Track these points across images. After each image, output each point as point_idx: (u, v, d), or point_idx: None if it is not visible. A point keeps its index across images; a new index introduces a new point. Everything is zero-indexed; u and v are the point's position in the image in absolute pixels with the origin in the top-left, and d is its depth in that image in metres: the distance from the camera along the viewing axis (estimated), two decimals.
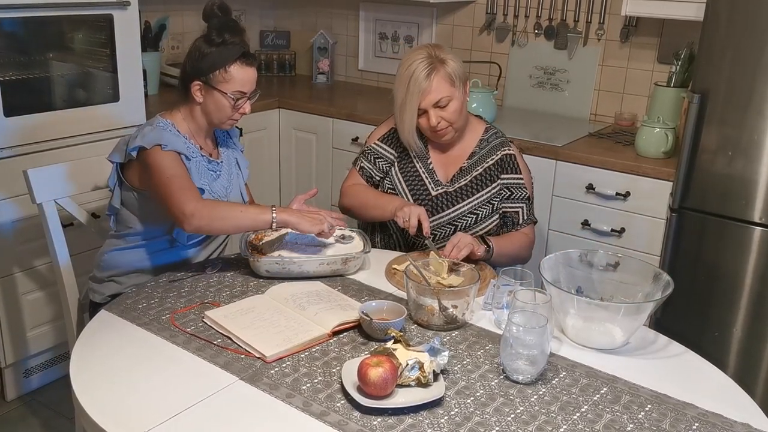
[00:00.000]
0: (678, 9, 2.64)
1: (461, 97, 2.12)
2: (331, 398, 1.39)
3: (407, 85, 2.07)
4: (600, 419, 1.37)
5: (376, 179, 2.26)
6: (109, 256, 2.07)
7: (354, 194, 2.25)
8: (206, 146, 2.08)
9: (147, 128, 1.95)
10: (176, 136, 1.97)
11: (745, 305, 2.29)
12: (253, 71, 2.01)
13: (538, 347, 1.44)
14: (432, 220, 2.16)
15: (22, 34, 2.56)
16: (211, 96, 1.97)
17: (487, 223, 2.16)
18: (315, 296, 1.77)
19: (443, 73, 2.07)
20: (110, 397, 1.39)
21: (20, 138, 2.50)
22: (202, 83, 1.96)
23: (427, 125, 2.11)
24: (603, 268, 1.78)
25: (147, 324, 1.65)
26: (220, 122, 2.02)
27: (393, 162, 2.24)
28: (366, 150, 2.29)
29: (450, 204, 2.17)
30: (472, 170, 2.19)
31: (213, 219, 1.85)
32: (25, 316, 2.67)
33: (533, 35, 3.32)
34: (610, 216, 2.66)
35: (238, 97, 1.97)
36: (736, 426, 1.37)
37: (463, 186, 2.18)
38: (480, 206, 2.16)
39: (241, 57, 1.96)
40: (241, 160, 2.20)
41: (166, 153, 1.90)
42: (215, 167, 2.07)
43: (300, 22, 4.07)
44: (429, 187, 2.19)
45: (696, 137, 2.30)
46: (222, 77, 1.95)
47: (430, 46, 2.13)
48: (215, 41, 1.95)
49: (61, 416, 2.66)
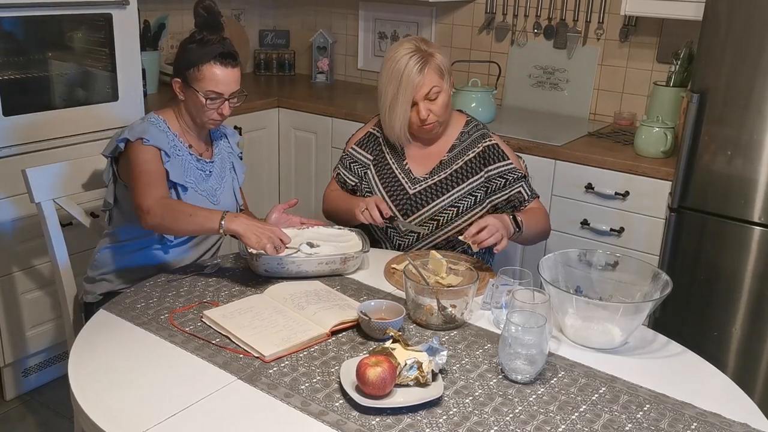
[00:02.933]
0: (677, 8, 2.64)
1: (448, 91, 2.14)
2: (330, 398, 1.39)
3: (399, 79, 2.07)
4: (598, 419, 1.37)
5: (351, 184, 2.27)
6: (102, 255, 2.08)
7: (330, 201, 2.29)
8: (198, 145, 2.07)
9: (137, 122, 1.98)
10: (163, 132, 1.97)
11: (744, 305, 2.29)
12: (231, 72, 1.97)
13: (537, 347, 1.44)
14: (412, 218, 2.17)
15: (21, 33, 2.56)
16: (189, 94, 1.98)
17: (469, 215, 2.16)
18: (314, 296, 1.77)
19: (433, 65, 2.08)
20: (109, 396, 1.39)
21: (19, 137, 2.50)
22: (181, 81, 1.97)
23: (417, 119, 2.12)
24: (602, 268, 1.78)
25: (145, 323, 1.65)
26: (201, 121, 2.01)
27: (368, 165, 2.25)
28: (343, 156, 2.31)
29: (429, 199, 2.17)
30: (452, 163, 2.19)
31: (165, 218, 1.83)
32: (24, 315, 2.67)
33: (533, 35, 3.32)
34: (609, 215, 2.66)
35: (213, 97, 1.95)
36: (735, 426, 1.37)
37: (443, 179, 2.18)
38: (461, 199, 2.16)
39: (218, 56, 1.94)
40: (237, 164, 2.20)
41: (145, 147, 1.91)
42: (205, 167, 2.06)
43: (299, 21, 4.07)
44: (406, 187, 2.19)
45: (695, 137, 2.30)
46: (195, 75, 1.94)
47: (416, 40, 2.13)
48: (195, 39, 1.96)
49: (60, 415, 2.66)
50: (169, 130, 2.00)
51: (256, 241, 1.77)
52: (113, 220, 2.08)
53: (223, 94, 1.97)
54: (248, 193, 3.39)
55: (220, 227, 1.79)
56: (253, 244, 1.78)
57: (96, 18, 2.67)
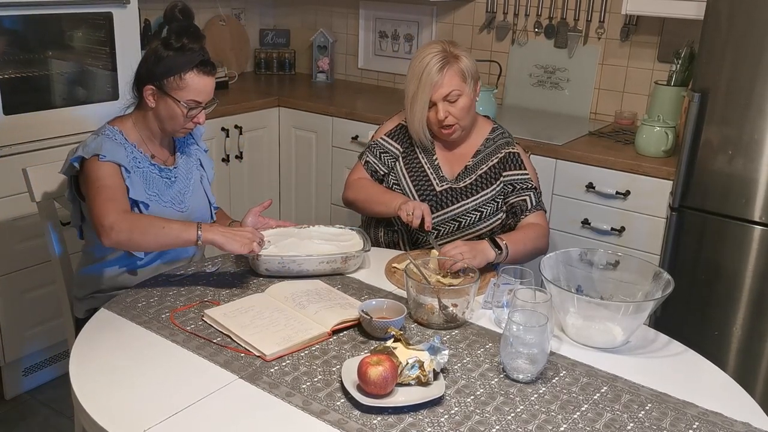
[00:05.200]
0: (678, 8, 2.64)
1: (471, 95, 2.12)
2: (331, 397, 1.39)
3: (420, 77, 2.08)
4: (600, 418, 1.37)
5: (381, 174, 2.26)
6: (82, 275, 2.03)
7: (359, 188, 2.25)
8: (160, 153, 2.00)
9: (90, 137, 1.89)
10: (120, 145, 1.89)
11: (745, 304, 2.29)
12: (211, 80, 1.92)
13: (538, 346, 1.44)
14: (436, 216, 2.16)
15: (21, 32, 2.56)
16: (164, 102, 1.89)
17: (492, 220, 2.16)
18: (315, 295, 1.77)
19: (456, 68, 2.08)
20: (110, 395, 1.39)
21: (20, 136, 2.50)
22: (155, 88, 1.88)
23: (435, 119, 2.12)
24: (603, 267, 1.78)
25: (146, 322, 1.65)
26: (172, 130, 1.95)
27: (398, 157, 2.24)
28: (372, 144, 2.30)
29: (454, 200, 2.17)
30: (476, 168, 2.19)
31: (133, 232, 1.75)
32: (24, 314, 2.67)
33: (533, 34, 3.31)
34: (610, 215, 2.66)
35: (192, 107, 1.90)
36: (736, 425, 1.37)
37: (468, 184, 2.18)
38: (484, 204, 2.16)
39: (199, 65, 1.87)
40: (204, 160, 2.13)
41: (102, 164, 1.82)
42: (168, 174, 1.99)
43: (300, 20, 4.07)
44: (434, 183, 2.19)
45: (696, 136, 2.30)
46: (176, 84, 1.86)
47: (445, 42, 2.14)
48: (173, 45, 1.86)
49: (60, 415, 2.66)
50: (127, 142, 1.91)
51: (240, 245, 1.76)
52: (85, 236, 2.03)
53: (202, 103, 1.92)
54: (248, 193, 3.42)
55: (198, 238, 1.76)
56: (239, 250, 1.77)
57: (96, 17, 2.67)
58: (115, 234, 1.75)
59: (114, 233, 1.75)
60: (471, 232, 2.17)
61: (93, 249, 2.01)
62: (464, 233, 2.17)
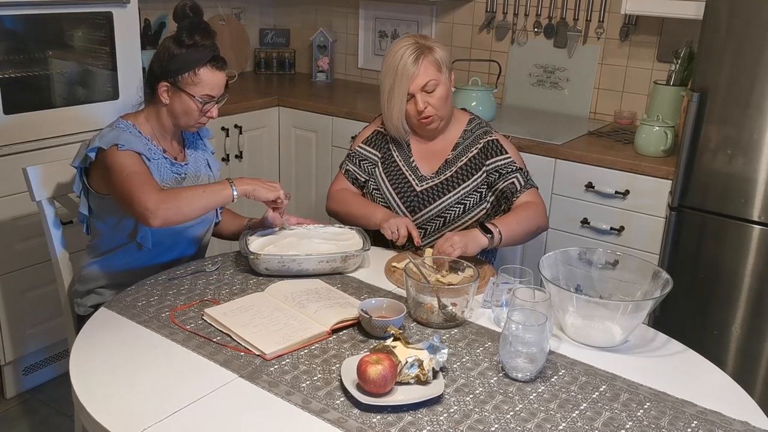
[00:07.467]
0: (678, 7, 2.64)
1: (447, 84, 2.14)
2: (331, 396, 1.40)
3: (395, 70, 2.10)
4: (599, 417, 1.37)
5: (362, 181, 2.27)
6: (88, 270, 2.04)
7: (340, 200, 2.26)
8: (171, 149, 2.05)
9: (106, 129, 1.93)
10: (136, 137, 1.93)
11: (744, 303, 2.30)
12: (223, 75, 1.98)
13: (538, 345, 1.44)
14: (420, 215, 2.17)
15: (21, 31, 2.56)
16: (178, 98, 1.94)
17: (476, 211, 2.16)
18: (314, 294, 1.77)
19: (431, 58, 2.10)
20: (110, 394, 1.39)
21: (20, 135, 2.50)
22: (170, 84, 1.93)
23: (414, 111, 2.12)
24: (602, 267, 1.78)
25: (146, 321, 1.65)
26: (186, 125, 2.00)
27: (377, 163, 2.25)
28: (351, 153, 2.31)
29: (436, 197, 2.17)
30: (456, 161, 2.19)
31: (180, 205, 1.81)
32: (25, 313, 2.67)
33: (533, 33, 3.32)
34: (609, 214, 2.67)
35: (206, 101, 1.95)
36: (735, 424, 1.37)
37: (449, 177, 2.18)
38: (466, 196, 2.16)
39: (211, 60, 1.93)
40: (212, 162, 2.17)
41: (123, 152, 1.86)
42: (179, 170, 2.03)
43: (300, 19, 4.07)
44: (413, 184, 2.19)
45: (695, 136, 2.31)
46: (191, 80, 1.92)
47: (416, 36, 2.16)
48: (185, 43, 1.92)
49: (60, 414, 2.66)
50: (141, 135, 1.96)
51: (267, 192, 1.92)
52: (91, 230, 2.05)
53: (215, 97, 1.97)
54: None
55: (233, 191, 1.88)
56: (267, 195, 1.92)
57: (96, 16, 2.67)
58: (163, 212, 1.79)
59: (161, 211, 1.79)
60: (456, 226, 2.17)
61: (98, 243, 2.03)
62: (450, 228, 2.17)
